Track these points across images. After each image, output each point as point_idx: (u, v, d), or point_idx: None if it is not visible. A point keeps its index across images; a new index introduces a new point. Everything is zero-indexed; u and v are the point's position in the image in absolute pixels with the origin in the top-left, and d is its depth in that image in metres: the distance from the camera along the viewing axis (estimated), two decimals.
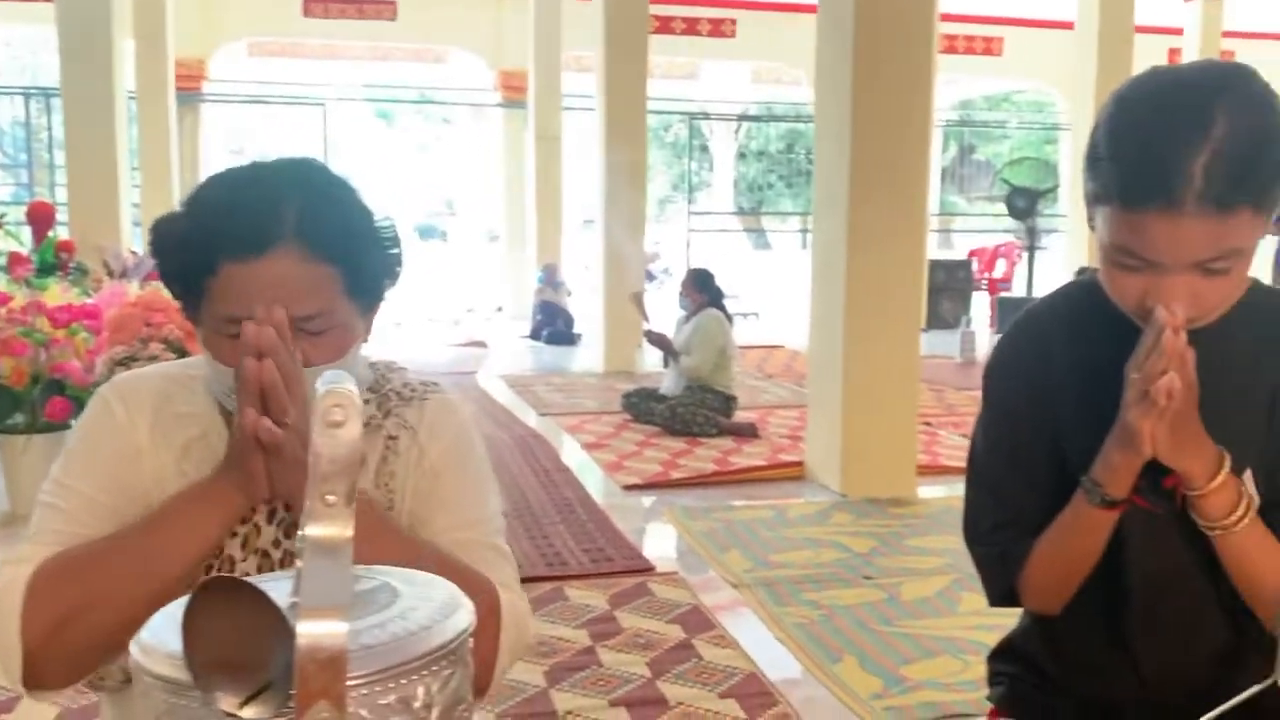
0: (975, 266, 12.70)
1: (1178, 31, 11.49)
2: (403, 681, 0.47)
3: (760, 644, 2.90)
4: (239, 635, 0.45)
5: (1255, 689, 0.59)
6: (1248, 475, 1.07)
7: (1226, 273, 1.00)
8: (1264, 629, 1.11)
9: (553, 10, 11.07)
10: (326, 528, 0.46)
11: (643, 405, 5.98)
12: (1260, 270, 8.47)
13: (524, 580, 3.41)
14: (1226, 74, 0.98)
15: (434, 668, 0.49)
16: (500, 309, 12.96)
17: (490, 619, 1.03)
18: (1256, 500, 1.06)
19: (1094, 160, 1.03)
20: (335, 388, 0.47)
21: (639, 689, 2.57)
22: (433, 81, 14.92)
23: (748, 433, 5.71)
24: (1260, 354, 1.10)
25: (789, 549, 3.75)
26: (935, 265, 11.47)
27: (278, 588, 0.49)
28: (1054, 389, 1.17)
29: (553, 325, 10.28)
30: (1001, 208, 10.61)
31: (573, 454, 5.33)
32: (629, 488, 4.64)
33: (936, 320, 10.96)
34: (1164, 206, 0.96)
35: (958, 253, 14.51)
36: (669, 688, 2.59)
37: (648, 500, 4.49)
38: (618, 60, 8.13)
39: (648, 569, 3.50)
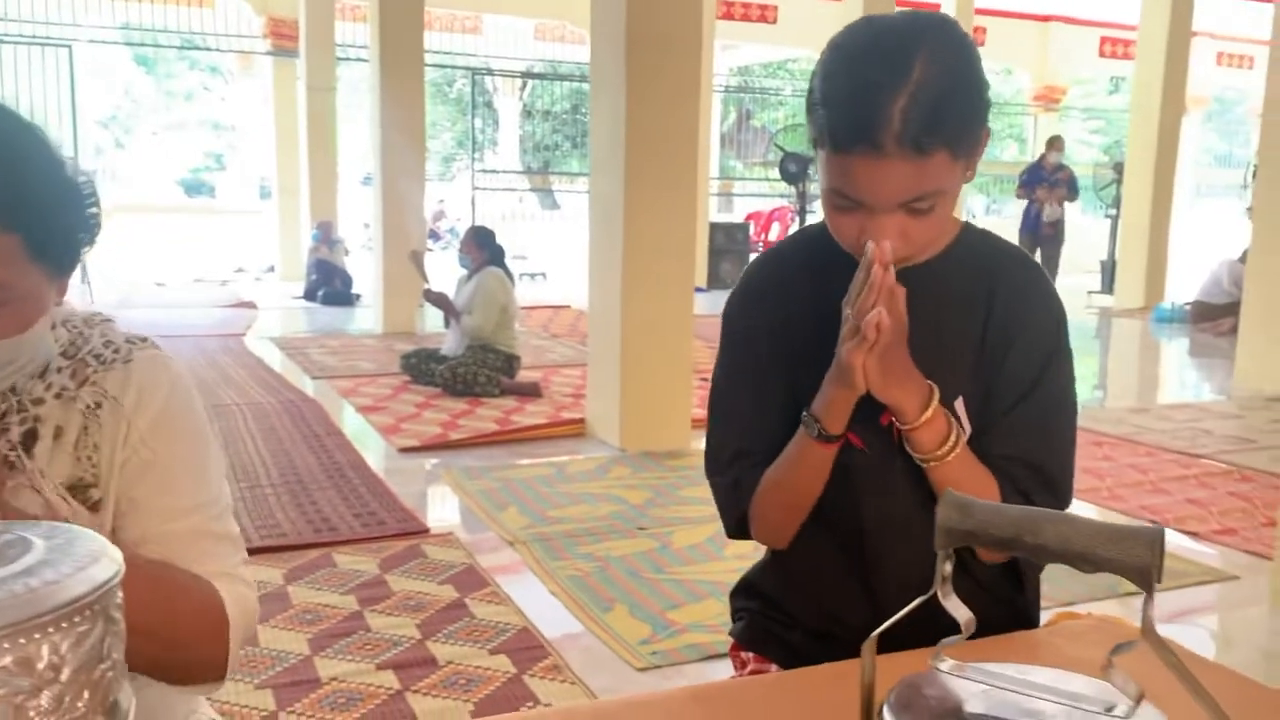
0: (752, 229, 13.15)
1: (935, 7, 12.20)
2: (20, 641, 0.43)
3: (534, 599, 2.92)
4: None
5: (918, 600, 0.63)
6: (959, 404, 1.14)
7: (930, 212, 1.06)
8: (979, 566, 1.20)
9: None
10: None
11: (422, 366, 5.86)
12: (1009, 231, 9.14)
13: (288, 548, 3.29)
14: (929, 23, 1.04)
15: (63, 625, 0.44)
16: (272, 269, 12.36)
17: (217, 627, 0.99)
18: (967, 430, 1.14)
19: (811, 106, 1.08)
20: None
21: (407, 651, 2.53)
22: (196, 26, 13.94)
23: (530, 392, 5.71)
24: (972, 291, 1.18)
25: (567, 504, 3.78)
26: (715, 228, 11.80)
27: None
28: (792, 323, 1.21)
29: (329, 285, 9.90)
30: (776, 173, 10.99)
31: (348, 419, 5.16)
32: (405, 450, 4.54)
33: (716, 281, 11.30)
34: (867, 150, 1.01)
35: (737, 216, 14.98)
36: (439, 647, 2.56)
37: (427, 463, 4.41)
38: (393, 9, 7.84)
39: (422, 531, 3.45)
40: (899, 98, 0.99)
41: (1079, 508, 3.91)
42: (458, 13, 14.14)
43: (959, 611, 0.61)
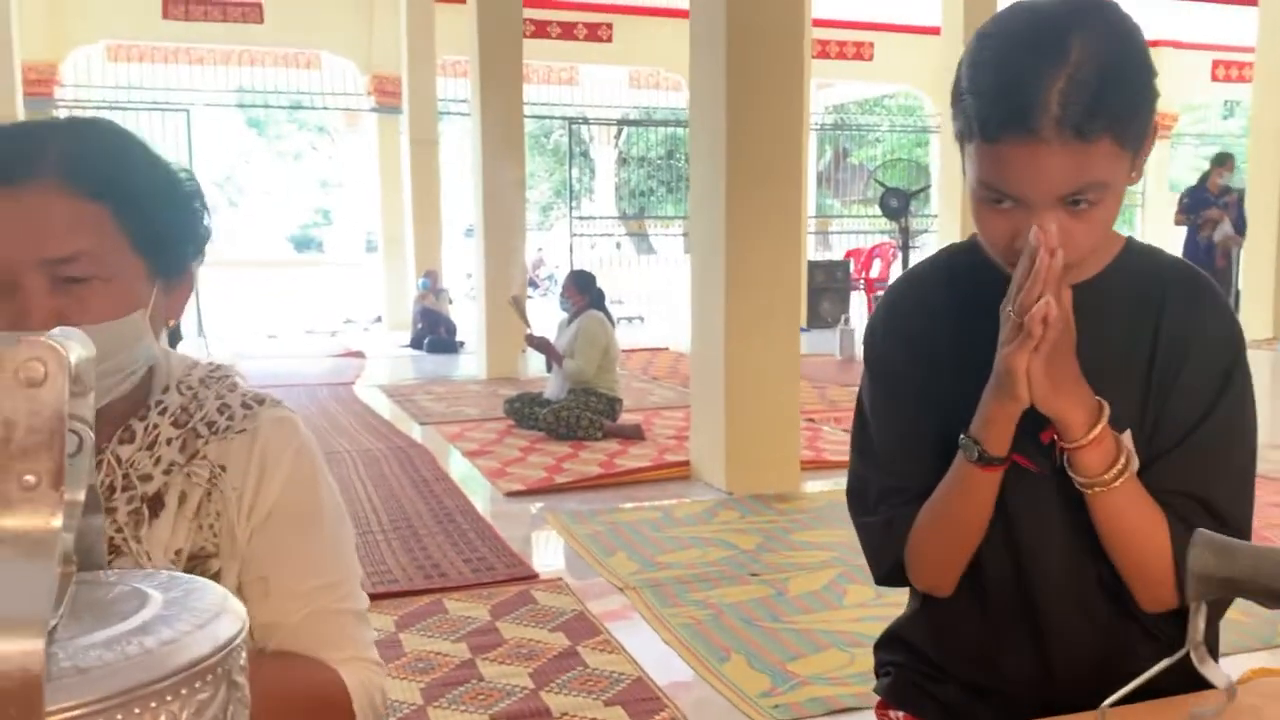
0: (852, 267, 12.97)
1: None
2: (136, 710, 0.37)
3: (647, 647, 2.83)
4: None
5: (1166, 662, 0.53)
6: (1126, 436, 1.03)
7: (1094, 210, 0.95)
8: (1147, 613, 1.07)
9: (425, 13, 10.86)
10: (24, 517, 0.36)
11: (526, 410, 5.86)
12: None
13: (400, 594, 3.27)
14: (1084, 5, 0.95)
15: (182, 691, 0.38)
16: (379, 319, 12.64)
17: (341, 715, 0.95)
18: (1136, 462, 1.03)
19: (957, 97, 0.99)
20: (32, 339, 0.37)
21: (521, 701, 2.47)
22: (304, 87, 14.49)
23: (633, 434, 5.65)
24: (1136, 313, 1.07)
25: (676, 549, 3.69)
26: (814, 266, 11.66)
27: None
28: (936, 349, 1.12)
29: (434, 333, 10.06)
30: (876, 209, 10.83)
31: (455, 463, 5.18)
32: (512, 494, 4.52)
33: (816, 320, 11.14)
34: (1023, 136, 0.92)
35: (835, 254, 14.80)
36: (552, 698, 2.49)
37: (533, 507, 4.38)
38: (492, 64, 7.99)
39: (531, 577, 3.40)
40: (1057, 80, 0.90)
41: None
42: (554, 65, 14.38)
43: (1218, 676, 0.52)
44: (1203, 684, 1.08)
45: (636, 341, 10.51)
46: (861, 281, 12.94)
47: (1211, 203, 8.84)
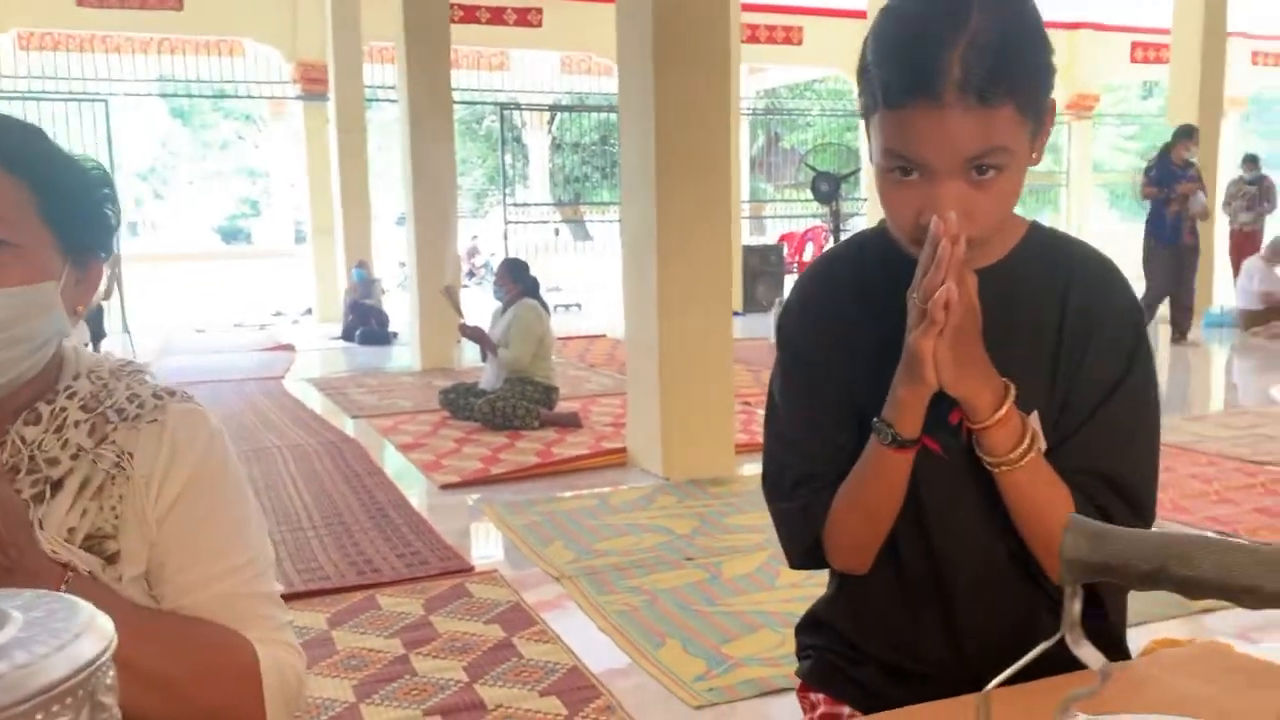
0: (786, 251, 13.08)
1: None
2: None
3: (582, 636, 2.83)
4: None
5: (1043, 646, 0.54)
6: (1034, 418, 1.05)
7: (996, 179, 0.97)
8: (1057, 587, 1.10)
9: None
10: None
11: (461, 401, 5.82)
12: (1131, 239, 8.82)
13: (332, 591, 3.22)
14: None
15: (37, 716, 0.37)
16: (309, 311, 12.44)
17: (247, 684, 0.94)
18: (1043, 443, 1.05)
19: (862, 71, 1.01)
20: None
21: (455, 695, 2.45)
22: (228, 75, 14.15)
23: (570, 423, 5.64)
24: (1041, 296, 1.09)
25: (612, 537, 3.70)
26: (749, 251, 11.72)
27: None
28: (848, 335, 1.13)
29: (365, 325, 9.93)
30: (808, 193, 10.91)
31: (389, 457, 5.12)
32: (447, 487, 4.48)
33: (752, 304, 11.21)
34: (926, 100, 0.93)
35: (770, 238, 14.90)
36: (487, 690, 2.48)
37: (469, 499, 4.35)
38: (419, 50, 7.88)
39: (466, 569, 3.38)
40: (958, 45, 0.92)
41: None
42: (484, 50, 14.24)
43: (1092, 658, 0.53)
44: (1113, 658, 1.11)
45: (574, 328, 10.48)
46: (795, 265, 13.05)
47: (1180, 176, 8.28)
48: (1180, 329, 8.33)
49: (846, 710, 1.21)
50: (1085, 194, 16.81)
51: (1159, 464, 1.11)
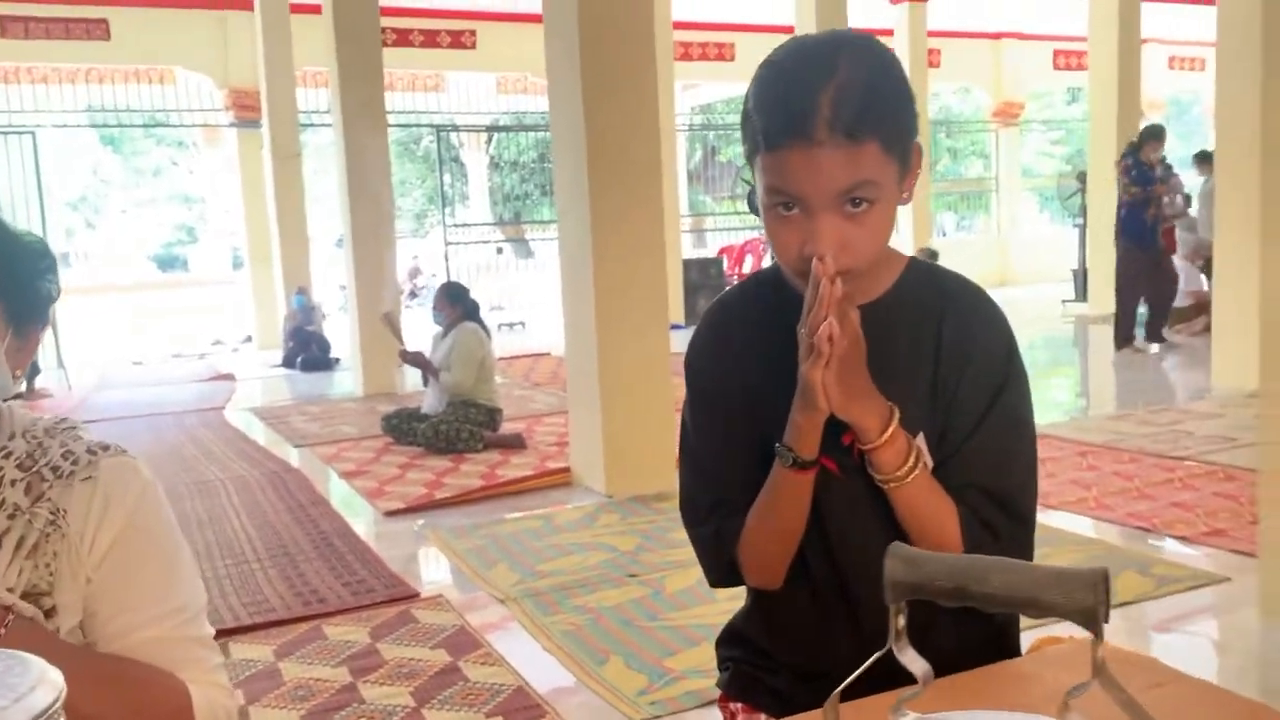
0: (726, 263, 13.23)
1: (888, 33, 12.37)
2: None
3: (528, 657, 2.89)
4: None
5: (875, 656, 0.63)
6: (920, 439, 1.15)
7: (868, 212, 1.07)
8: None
9: (281, 25, 10.61)
10: None
11: (404, 426, 5.84)
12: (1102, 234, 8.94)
13: (278, 624, 3.24)
14: (850, 35, 1.10)
15: None
16: (249, 338, 12.32)
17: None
18: (929, 461, 1.15)
19: (745, 119, 1.11)
20: None
21: None
22: (159, 103, 14.00)
23: (514, 444, 5.69)
24: (919, 326, 1.19)
25: (556, 557, 3.76)
26: (689, 264, 11.86)
27: None
28: (749, 366, 1.22)
29: (307, 351, 9.87)
30: (744, 206, 11.07)
31: (333, 486, 5.13)
32: (392, 513, 4.51)
33: (693, 317, 11.32)
34: (801, 140, 1.04)
35: (711, 251, 15.05)
36: (434, 715, 2.52)
37: (414, 525, 4.38)
38: (352, 74, 7.90)
39: (412, 596, 3.42)
40: (828, 89, 1.03)
41: (1068, 520, 3.91)
42: (419, 72, 14.23)
43: (915, 665, 0.61)
44: (1005, 655, 1.21)
45: (518, 347, 10.52)
46: (735, 276, 13.20)
47: (1155, 179, 8.04)
48: (1155, 332, 8.52)
49: (762, 717, 1.29)
50: (1015, 198, 17.21)
51: (1037, 475, 1.21)
